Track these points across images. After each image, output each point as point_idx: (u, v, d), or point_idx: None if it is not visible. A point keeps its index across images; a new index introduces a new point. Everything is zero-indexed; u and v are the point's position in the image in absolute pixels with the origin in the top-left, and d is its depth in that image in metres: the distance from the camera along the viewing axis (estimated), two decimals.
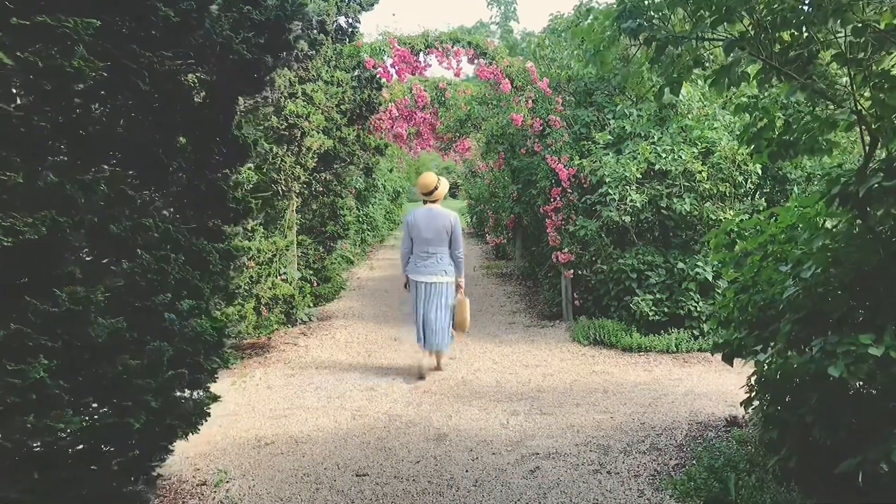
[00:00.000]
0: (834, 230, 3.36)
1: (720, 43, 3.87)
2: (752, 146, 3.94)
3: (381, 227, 19.91)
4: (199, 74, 3.54)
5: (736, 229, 4.40)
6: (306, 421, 5.72)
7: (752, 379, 4.16)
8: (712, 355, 4.11)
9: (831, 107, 3.49)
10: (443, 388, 6.50)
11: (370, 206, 17.82)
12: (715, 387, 6.43)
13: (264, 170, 7.26)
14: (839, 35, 3.79)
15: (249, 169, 6.14)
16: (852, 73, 3.47)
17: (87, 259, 2.88)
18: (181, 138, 3.50)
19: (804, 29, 3.64)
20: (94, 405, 2.55)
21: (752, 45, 3.69)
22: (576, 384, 6.59)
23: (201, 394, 3.26)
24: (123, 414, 2.47)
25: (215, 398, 3.99)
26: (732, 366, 4.14)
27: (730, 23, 3.51)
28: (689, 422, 5.42)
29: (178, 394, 3.09)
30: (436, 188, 6.90)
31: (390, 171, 18.92)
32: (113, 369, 2.46)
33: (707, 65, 4.04)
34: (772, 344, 3.65)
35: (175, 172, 3.48)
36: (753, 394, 4.12)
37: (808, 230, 3.77)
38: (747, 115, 4.20)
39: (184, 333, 2.95)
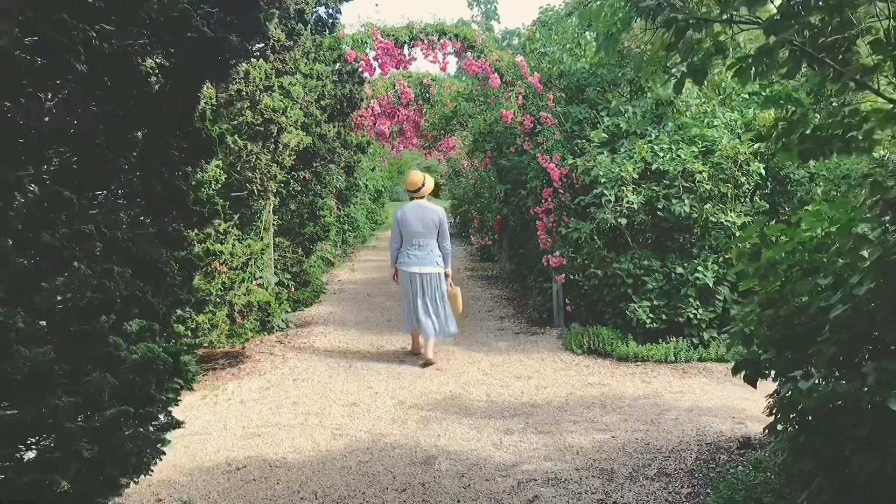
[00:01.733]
0: (882, 239, 2.95)
1: (745, 27, 3.46)
2: (780, 143, 3.53)
3: (363, 227, 19.41)
4: (156, 58, 3.06)
5: (760, 237, 3.98)
6: (282, 441, 5.25)
7: (774, 400, 3.75)
8: (734, 375, 3.67)
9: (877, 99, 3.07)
10: (430, 403, 6.05)
11: (351, 205, 17.33)
12: (720, 401, 6.04)
13: (238, 168, 6.77)
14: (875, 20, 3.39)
15: (218, 167, 5.65)
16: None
17: (15, 273, 2.40)
18: (135, 131, 3.02)
19: (839, 12, 3.23)
20: (6, 463, 2.08)
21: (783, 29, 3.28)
22: (571, 398, 6.17)
23: (156, 424, 2.78)
24: (48, 469, 2.00)
25: (177, 425, 3.52)
26: (756, 388, 3.72)
27: (762, 4, 3.10)
28: (698, 442, 5.01)
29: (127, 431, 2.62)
30: (423, 185, 7.44)
31: (372, 169, 18.41)
32: (35, 411, 2.00)
33: (729, 53, 3.63)
34: (808, 366, 3.24)
35: (126, 171, 3.01)
36: (777, 417, 3.71)
37: (844, 238, 3.37)
38: (770, 109, 3.79)
39: (131, 361, 2.48)
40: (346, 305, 10.98)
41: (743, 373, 3.76)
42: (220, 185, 5.51)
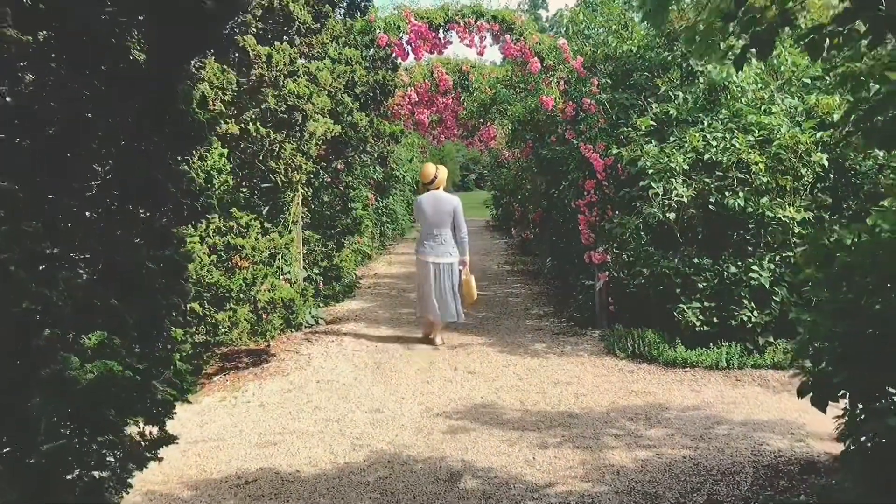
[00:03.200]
0: None
1: None
2: (860, 129, 3.00)
3: (402, 219, 19.03)
4: (135, 34, 2.68)
5: (833, 240, 3.44)
6: (298, 451, 4.89)
7: (846, 425, 3.24)
8: (800, 398, 3.16)
9: None
10: (459, 411, 5.63)
11: (390, 197, 16.96)
12: (777, 414, 5.50)
13: (261, 157, 6.42)
14: None
15: (222, 156, 5.29)
16: None
17: None
18: (106, 112, 2.65)
19: None
20: None
21: None
22: (613, 408, 5.69)
23: (117, 454, 2.40)
24: None
25: (167, 441, 3.17)
26: (825, 411, 3.21)
27: None
28: (754, 464, 4.49)
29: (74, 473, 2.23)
30: (436, 177, 7.67)
31: (410, 160, 18.00)
32: None
33: (798, 22, 3.11)
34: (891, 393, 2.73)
35: (97, 159, 2.63)
36: (851, 449, 3.20)
37: None
38: (835, 95, 3.26)
39: (84, 382, 2.11)
40: (379, 301, 10.61)
41: (811, 395, 3.26)
42: (226, 176, 5.14)
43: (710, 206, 6.93)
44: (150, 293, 2.78)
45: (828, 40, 2.90)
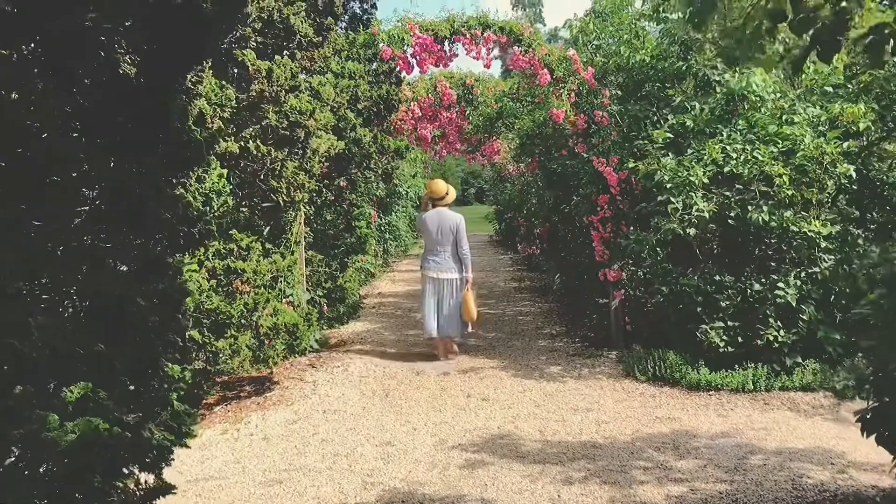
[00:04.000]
0: None
1: None
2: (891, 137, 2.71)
3: (405, 236, 18.73)
4: (129, 54, 2.39)
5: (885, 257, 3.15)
6: (305, 490, 4.56)
7: None
8: (865, 436, 2.85)
9: None
10: (475, 443, 5.31)
11: (392, 213, 16.67)
12: (812, 441, 5.18)
13: (261, 176, 6.13)
14: None
15: (221, 176, 5.00)
16: None
17: None
18: (91, 129, 2.36)
19: None
20: None
21: None
22: (638, 436, 5.37)
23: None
24: None
25: (164, 490, 2.88)
26: (895, 453, 2.90)
27: None
28: (797, 500, 4.17)
29: None
30: (446, 194, 7.87)
31: (413, 176, 17.72)
32: None
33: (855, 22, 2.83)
34: None
35: (83, 182, 2.35)
36: None
37: None
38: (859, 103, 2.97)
39: (65, 443, 1.80)
40: (384, 322, 10.29)
41: (876, 432, 2.95)
42: (225, 197, 4.84)
43: (729, 221, 6.63)
44: (142, 332, 2.48)
45: (893, 41, 2.62)
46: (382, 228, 15.83)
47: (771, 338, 6.37)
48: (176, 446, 3.07)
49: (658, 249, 6.93)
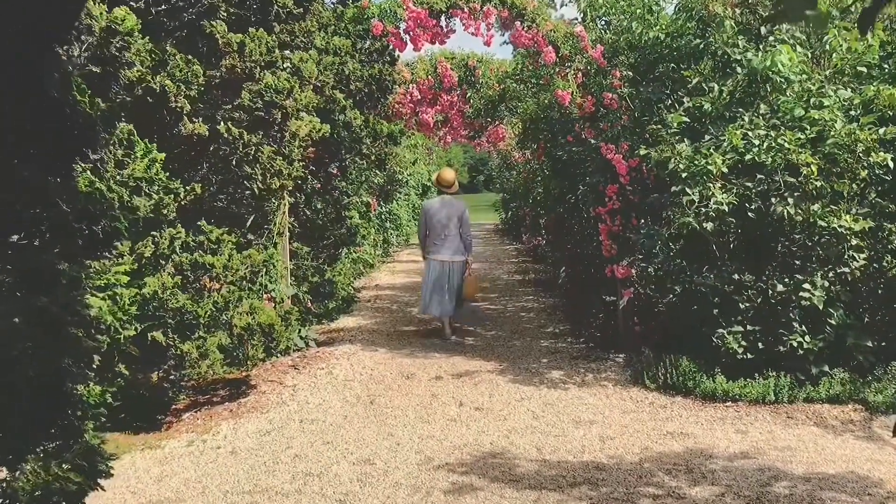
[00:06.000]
0: None
1: None
2: None
3: (407, 225, 18.14)
4: None
5: None
6: None
7: None
8: None
9: None
10: (464, 462, 4.73)
11: (394, 202, 16.09)
12: (843, 464, 4.60)
13: (233, 162, 5.56)
14: None
15: (154, 161, 4.41)
16: None
17: None
18: None
19: None
20: None
21: None
22: (647, 455, 4.79)
23: None
24: None
25: None
26: None
27: None
28: None
29: None
30: (454, 182, 8.41)
31: (414, 163, 17.09)
32: None
33: None
34: None
35: None
36: None
37: None
38: None
39: None
40: (378, 317, 9.72)
41: None
42: (128, 190, 4.25)
43: (749, 215, 6.02)
44: (17, 366, 1.93)
45: None
46: (382, 217, 15.27)
47: (795, 344, 5.77)
48: (89, 489, 2.53)
49: (671, 245, 6.35)
